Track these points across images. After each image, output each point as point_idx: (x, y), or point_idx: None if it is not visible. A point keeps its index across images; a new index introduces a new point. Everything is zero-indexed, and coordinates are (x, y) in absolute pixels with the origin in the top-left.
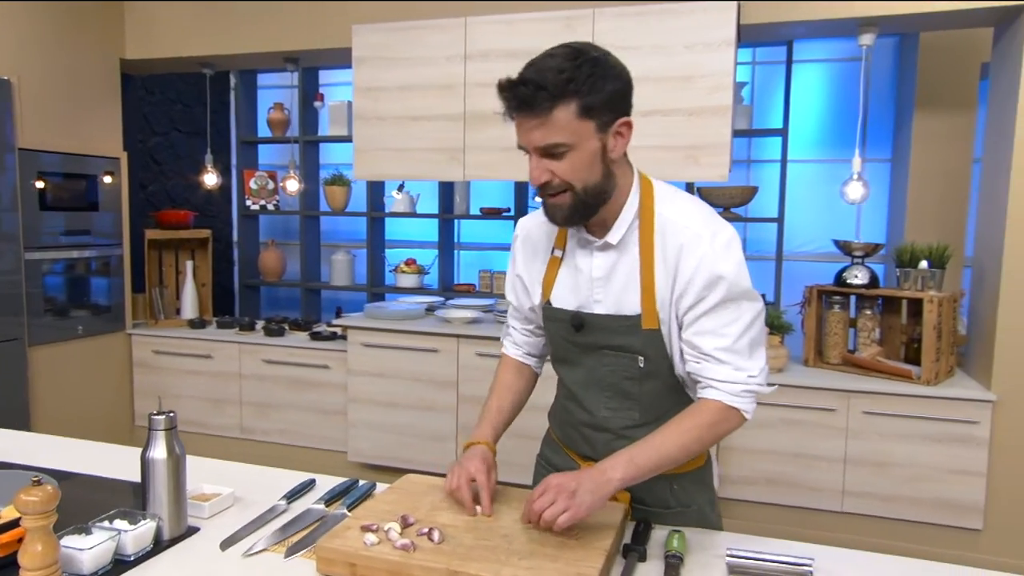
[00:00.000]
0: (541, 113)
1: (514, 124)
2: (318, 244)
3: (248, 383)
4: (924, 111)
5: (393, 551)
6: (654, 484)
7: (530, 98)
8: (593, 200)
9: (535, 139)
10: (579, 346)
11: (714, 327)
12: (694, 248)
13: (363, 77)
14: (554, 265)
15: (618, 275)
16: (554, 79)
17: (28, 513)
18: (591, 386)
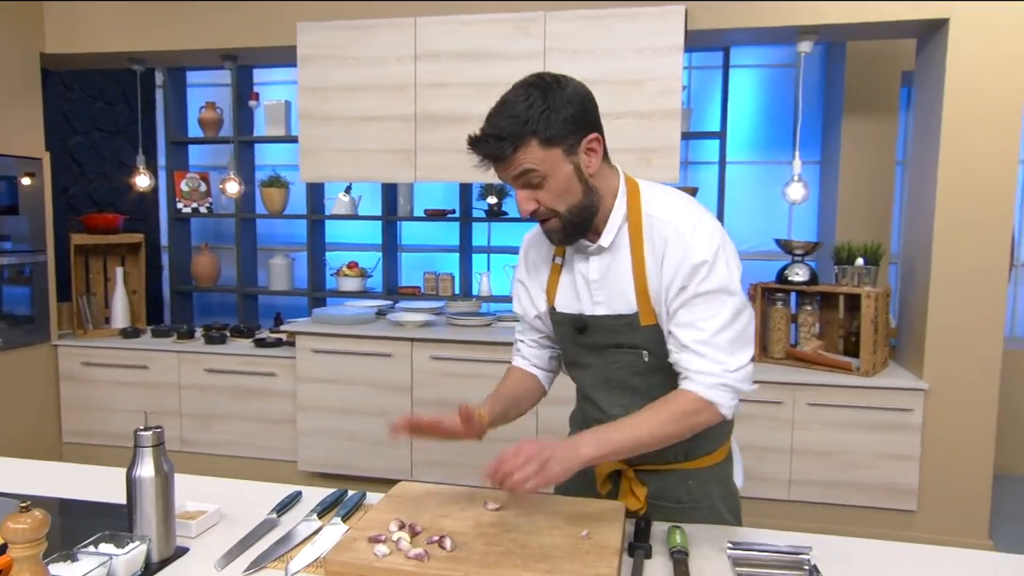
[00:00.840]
0: (506, 158)
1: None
2: (255, 248)
3: (188, 394)
4: (851, 116)
5: (407, 561)
6: (670, 479)
7: (494, 150)
8: (580, 218)
9: (511, 173)
10: (585, 347)
11: (692, 319)
12: (677, 240)
13: (308, 76)
14: (556, 272)
15: (612, 276)
16: (510, 127)
17: (17, 542)
18: (601, 385)
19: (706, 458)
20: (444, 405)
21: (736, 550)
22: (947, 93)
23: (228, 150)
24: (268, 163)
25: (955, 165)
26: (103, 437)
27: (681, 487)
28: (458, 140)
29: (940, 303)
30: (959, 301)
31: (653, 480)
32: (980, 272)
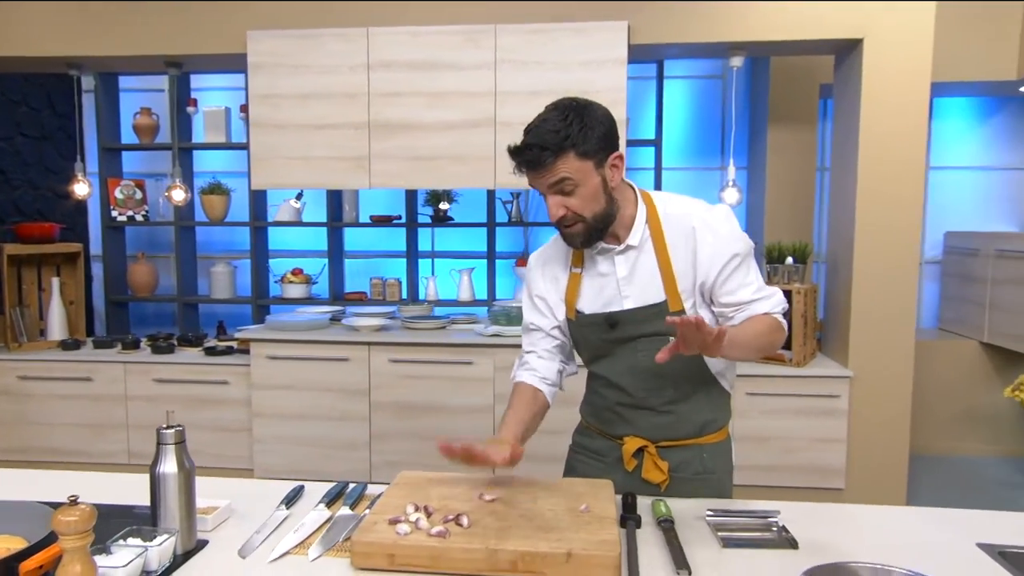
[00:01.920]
0: (547, 167)
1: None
2: (194, 256)
3: (136, 405)
4: (776, 126)
5: (429, 538)
6: (687, 453)
7: (535, 159)
8: (601, 225)
9: (547, 181)
10: (613, 341)
11: (741, 282)
12: (703, 228)
13: (260, 84)
14: (575, 281)
15: (640, 271)
16: (552, 139)
17: (67, 533)
18: (628, 372)
19: (715, 434)
20: (402, 407)
21: (715, 517)
22: (863, 106)
23: (163, 157)
24: (206, 170)
25: (872, 172)
26: (41, 453)
27: (696, 460)
28: (412, 148)
29: (861, 298)
30: (877, 296)
31: (672, 455)
32: (895, 269)
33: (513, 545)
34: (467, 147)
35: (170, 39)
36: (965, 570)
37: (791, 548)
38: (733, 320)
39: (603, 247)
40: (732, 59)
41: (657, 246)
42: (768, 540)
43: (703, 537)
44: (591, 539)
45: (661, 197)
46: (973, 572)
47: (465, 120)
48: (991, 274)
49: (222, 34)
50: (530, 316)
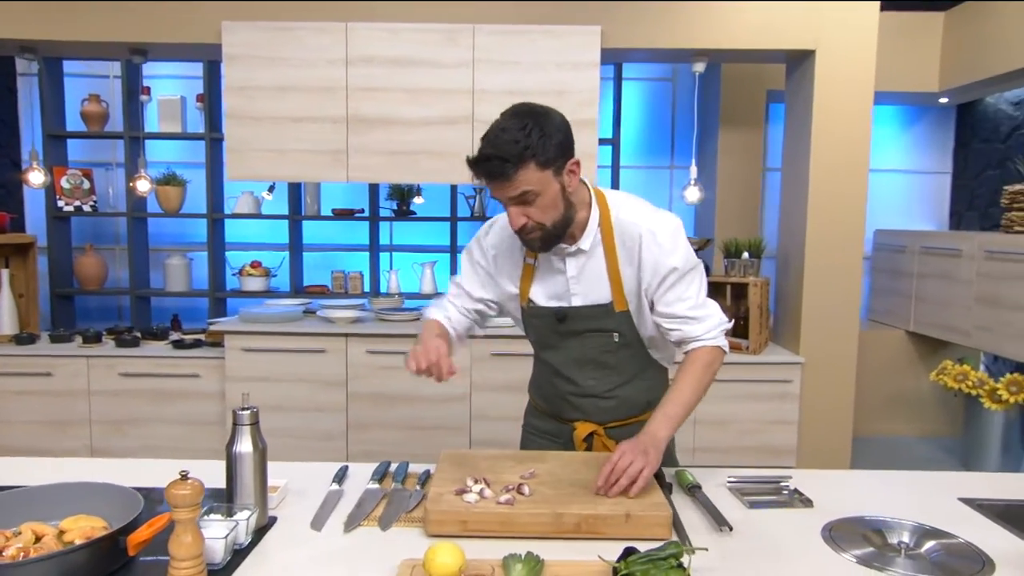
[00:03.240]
0: (508, 178)
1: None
2: (147, 248)
3: (100, 400)
4: (726, 128)
5: (498, 506)
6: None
7: (496, 170)
8: (560, 231)
9: (508, 193)
10: (562, 333)
11: (679, 295)
12: (648, 238)
13: (235, 76)
14: (528, 272)
15: (588, 273)
16: (512, 150)
17: (180, 505)
18: (575, 363)
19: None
20: (380, 398)
21: (735, 483)
22: (815, 112)
23: (106, 146)
24: (159, 160)
25: (822, 174)
26: None
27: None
28: (390, 143)
29: (812, 290)
30: (826, 288)
31: (620, 434)
32: (842, 264)
33: (577, 509)
34: (445, 143)
35: (137, 26)
36: (954, 520)
37: (807, 507)
38: (670, 335)
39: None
40: (695, 65)
41: (607, 249)
42: (786, 501)
43: (729, 500)
44: (643, 502)
45: (616, 200)
46: (960, 521)
47: (443, 117)
48: (917, 269)
49: (193, 23)
50: (466, 278)
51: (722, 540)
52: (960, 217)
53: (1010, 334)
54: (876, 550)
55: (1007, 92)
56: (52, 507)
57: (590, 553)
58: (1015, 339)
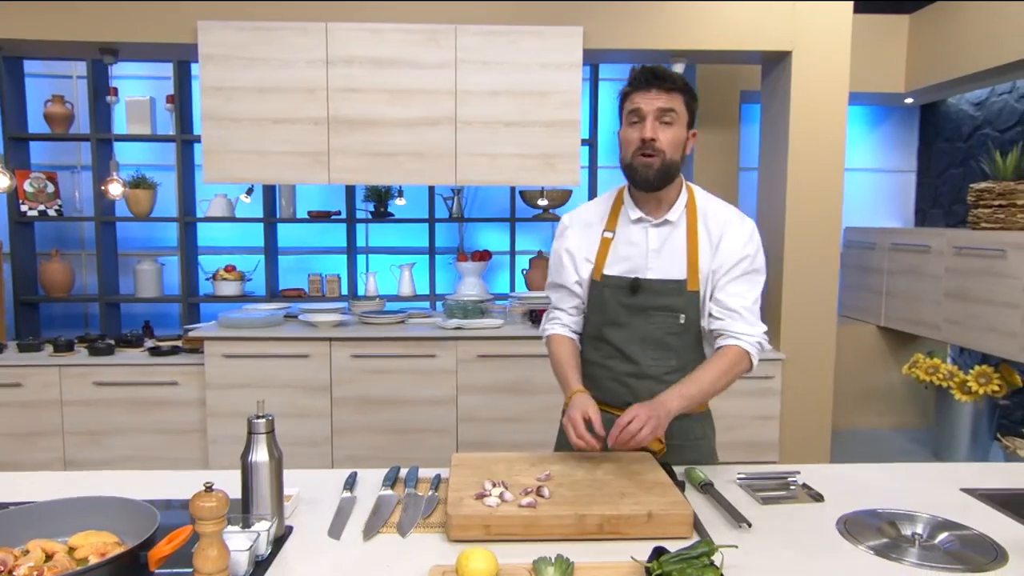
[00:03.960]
0: (667, 91)
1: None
2: (116, 253)
3: (73, 411)
4: (702, 128)
5: (521, 509)
6: (682, 423)
7: (664, 77)
8: (670, 171)
9: (660, 103)
10: (629, 308)
11: (740, 290)
12: (733, 231)
13: (212, 76)
14: (606, 244)
15: (668, 247)
16: (678, 78)
17: (205, 518)
18: (637, 342)
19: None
20: (365, 402)
21: (746, 479)
22: (792, 112)
23: (70, 148)
24: (128, 163)
25: (799, 172)
26: None
27: (688, 428)
28: (372, 144)
29: (791, 286)
30: (805, 284)
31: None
32: (820, 261)
33: (599, 510)
34: (428, 144)
35: (109, 25)
36: (961, 510)
37: (818, 501)
38: (711, 323)
39: (642, 217)
40: (674, 65)
41: (689, 229)
42: (796, 496)
43: (742, 496)
44: (663, 500)
45: (701, 193)
46: (967, 511)
47: (426, 118)
48: (886, 265)
49: (167, 22)
50: (556, 273)
51: (743, 537)
52: (925, 214)
53: (978, 327)
54: (891, 541)
55: (968, 93)
56: (57, 523)
57: (613, 554)
58: (983, 332)
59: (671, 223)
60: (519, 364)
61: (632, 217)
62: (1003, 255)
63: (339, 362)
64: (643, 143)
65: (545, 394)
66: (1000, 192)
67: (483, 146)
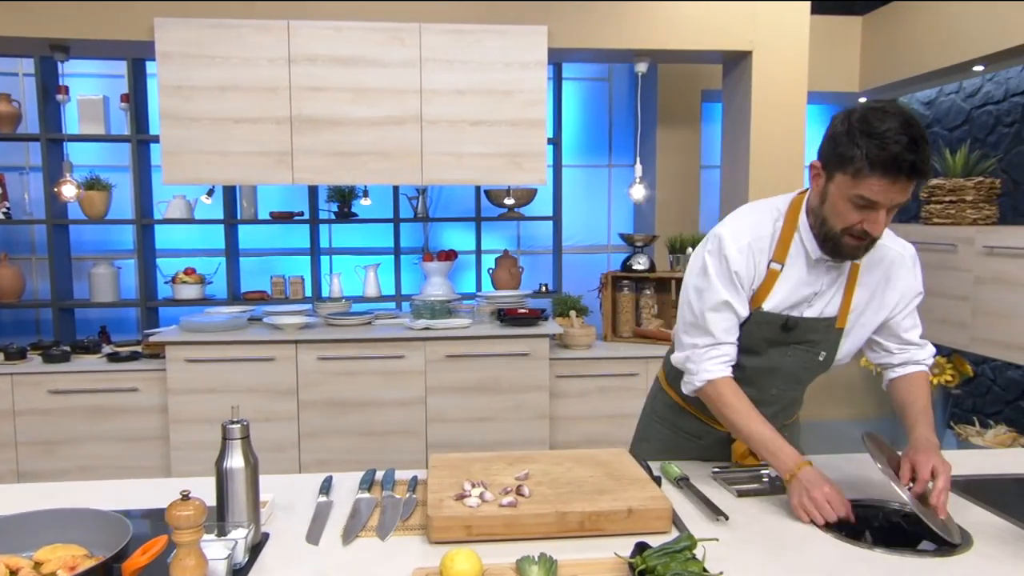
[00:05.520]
0: (913, 184)
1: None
2: (69, 257)
3: (26, 420)
4: (664, 126)
5: (501, 508)
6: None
7: (921, 171)
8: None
9: (900, 199)
10: (771, 341)
11: (914, 323)
12: (902, 265)
13: (170, 75)
14: (772, 277)
15: (834, 287)
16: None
17: (183, 527)
18: (769, 371)
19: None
20: (332, 405)
21: (721, 472)
22: (753, 110)
23: (17, 149)
24: (80, 163)
25: (761, 169)
26: None
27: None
28: (336, 143)
29: None
30: None
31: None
32: None
33: (579, 507)
34: (392, 144)
35: (60, 21)
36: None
37: None
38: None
39: (823, 257)
40: (637, 64)
41: (852, 267)
42: (768, 488)
43: (717, 490)
44: (642, 496)
45: None
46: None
47: (391, 117)
48: None
49: (121, 19)
50: (727, 293)
51: (720, 530)
52: None
53: (933, 319)
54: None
55: (918, 93)
56: (19, 538)
57: (595, 550)
58: (936, 324)
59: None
60: (487, 363)
61: (813, 256)
62: (954, 249)
63: (305, 365)
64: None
65: (514, 393)
66: (950, 188)
67: (449, 145)
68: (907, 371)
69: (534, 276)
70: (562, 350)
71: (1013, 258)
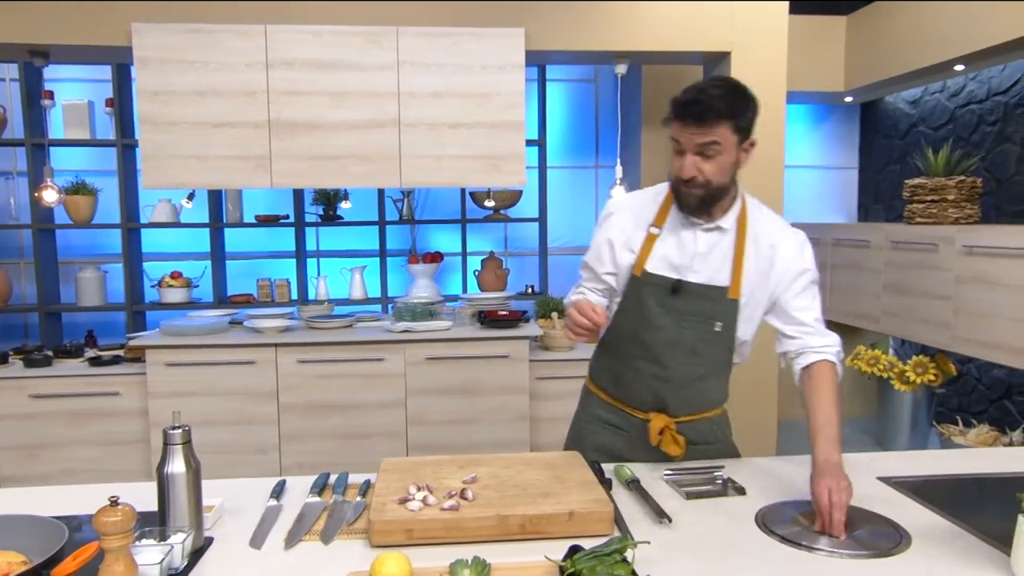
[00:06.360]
0: (707, 125)
1: (672, 126)
2: (55, 262)
3: (7, 425)
4: (648, 128)
5: (443, 512)
6: (701, 425)
7: (702, 114)
8: (717, 196)
9: (700, 139)
10: (667, 310)
11: (806, 304)
12: (786, 246)
13: (148, 80)
14: (652, 239)
15: (716, 253)
16: (721, 104)
17: (110, 533)
18: (669, 345)
19: (721, 409)
20: (313, 408)
21: (672, 475)
22: None
23: (10, 154)
24: (65, 168)
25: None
26: None
27: (708, 431)
28: (315, 147)
29: None
30: None
31: (689, 429)
32: None
33: (521, 510)
34: (371, 147)
35: (39, 27)
36: (874, 498)
37: (741, 495)
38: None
39: (693, 220)
40: (617, 66)
41: (739, 237)
42: (721, 490)
43: (668, 492)
44: (585, 499)
45: (755, 204)
46: (879, 498)
47: (369, 120)
48: (830, 260)
49: (98, 25)
50: (592, 258)
51: (662, 531)
52: (867, 209)
53: (915, 319)
54: (803, 531)
55: (904, 92)
56: None
57: (536, 553)
58: (919, 323)
59: (723, 230)
60: (468, 366)
61: (683, 218)
62: (935, 249)
63: (285, 368)
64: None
65: (494, 395)
66: (932, 188)
67: (428, 148)
68: (809, 360)
69: (521, 278)
70: (543, 352)
71: (993, 257)
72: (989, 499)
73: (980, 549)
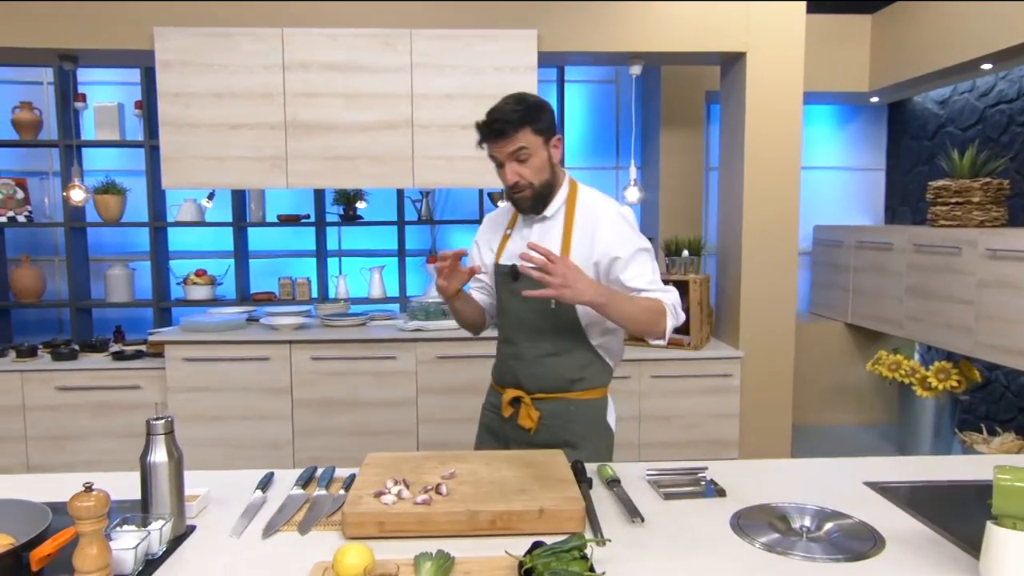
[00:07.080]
0: (508, 137)
1: (488, 149)
2: (86, 259)
3: (36, 416)
4: (668, 128)
5: (415, 506)
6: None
7: (501, 130)
8: (545, 192)
9: (508, 148)
10: (512, 293)
11: (635, 273)
12: (602, 222)
13: (169, 82)
14: (505, 240)
15: (546, 239)
16: (514, 115)
17: (84, 518)
18: (517, 325)
19: (584, 392)
20: (325, 404)
21: (654, 475)
22: (748, 112)
23: (40, 155)
24: (97, 168)
25: (756, 171)
26: None
27: (565, 411)
28: (330, 148)
29: (749, 286)
30: (763, 284)
31: (544, 406)
32: (777, 259)
33: (491, 506)
34: (385, 148)
35: (67, 32)
36: (854, 502)
37: (721, 496)
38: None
39: (532, 218)
40: (631, 67)
41: (567, 222)
42: (701, 491)
43: (647, 492)
44: (558, 497)
45: (584, 188)
46: (860, 503)
47: (383, 121)
48: (853, 263)
49: (123, 29)
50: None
51: (635, 531)
52: (894, 212)
53: (938, 323)
54: (780, 535)
55: (932, 92)
56: None
57: (502, 549)
58: (942, 328)
59: (548, 218)
60: (477, 365)
61: (525, 218)
62: (958, 252)
63: (299, 364)
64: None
65: None
66: (956, 190)
67: (440, 149)
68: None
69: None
70: None
71: (1017, 261)
72: (975, 506)
73: (953, 554)
